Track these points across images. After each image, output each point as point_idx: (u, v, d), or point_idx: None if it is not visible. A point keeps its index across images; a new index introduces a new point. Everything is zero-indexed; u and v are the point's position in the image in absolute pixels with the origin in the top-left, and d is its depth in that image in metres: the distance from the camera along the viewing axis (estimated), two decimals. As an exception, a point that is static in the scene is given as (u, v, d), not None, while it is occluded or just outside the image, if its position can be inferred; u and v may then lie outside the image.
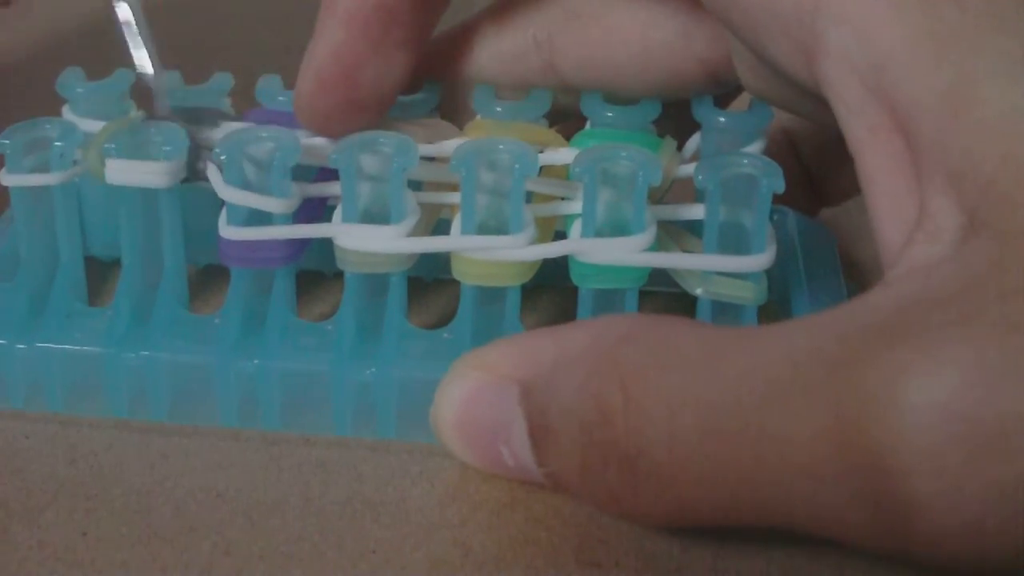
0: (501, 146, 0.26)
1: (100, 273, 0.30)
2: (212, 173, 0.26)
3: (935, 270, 0.20)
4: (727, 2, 0.24)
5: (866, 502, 0.19)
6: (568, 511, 0.24)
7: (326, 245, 0.27)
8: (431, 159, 0.28)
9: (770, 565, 0.23)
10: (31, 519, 0.24)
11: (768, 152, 0.32)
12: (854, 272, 0.31)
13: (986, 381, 0.18)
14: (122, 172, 0.27)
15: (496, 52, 0.30)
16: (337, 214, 0.26)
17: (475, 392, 0.23)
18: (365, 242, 0.26)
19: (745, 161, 0.25)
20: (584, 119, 0.29)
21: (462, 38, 0.30)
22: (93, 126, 0.28)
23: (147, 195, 0.27)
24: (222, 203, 0.27)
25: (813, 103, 0.24)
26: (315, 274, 0.30)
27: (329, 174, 0.27)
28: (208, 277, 0.31)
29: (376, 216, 0.26)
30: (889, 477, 0.19)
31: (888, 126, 0.22)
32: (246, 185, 0.27)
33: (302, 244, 0.27)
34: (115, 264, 0.30)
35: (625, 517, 0.23)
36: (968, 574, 0.20)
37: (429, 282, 0.31)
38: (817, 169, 0.33)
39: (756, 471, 0.20)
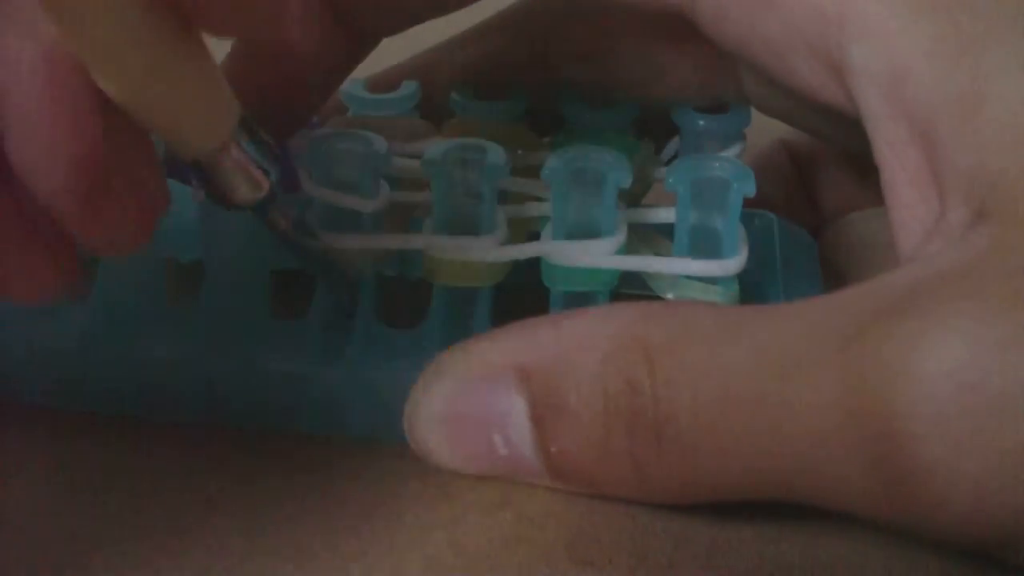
0: (473, 146, 0.26)
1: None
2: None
3: (941, 254, 0.21)
4: (744, 35, 0.25)
5: (876, 469, 0.20)
6: (561, 510, 0.24)
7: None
8: (409, 158, 0.28)
9: (763, 561, 0.23)
10: (21, 524, 0.23)
11: (769, 165, 0.32)
12: (837, 282, 0.31)
13: (993, 352, 0.19)
14: None
15: (483, 47, 0.30)
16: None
17: (465, 384, 0.23)
18: (335, 240, 0.26)
19: (716, 164, 0.25)
20: None
21: (451, 43, 0.30)
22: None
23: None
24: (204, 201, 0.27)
25: (825, 120, 0.24)
26: (289, 273, 0.30)
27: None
28: (187, 272, 0.31)
29: (348, 215, 0.26)
30: (899, 443, 0.19)
31: (905, 138, 0.23)
32: None
33: None
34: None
35: (642, 491, 0.22)
36: (968, 540, 0.20)
37: (412, 281, 0.31)
38: (816, 182, 0.32)
39: (772, 439, 0.21)
